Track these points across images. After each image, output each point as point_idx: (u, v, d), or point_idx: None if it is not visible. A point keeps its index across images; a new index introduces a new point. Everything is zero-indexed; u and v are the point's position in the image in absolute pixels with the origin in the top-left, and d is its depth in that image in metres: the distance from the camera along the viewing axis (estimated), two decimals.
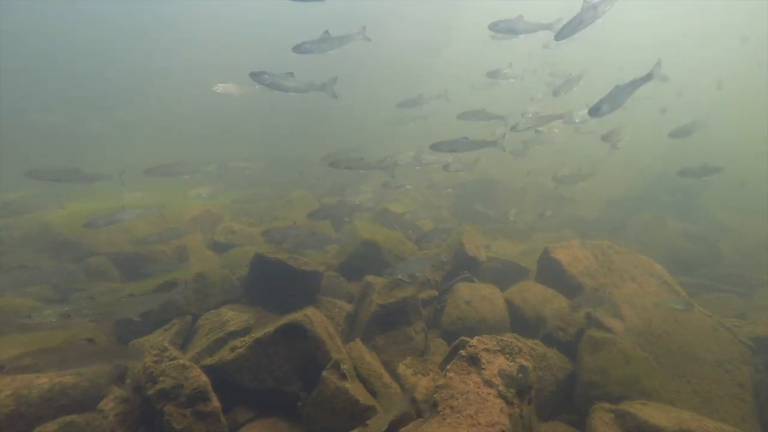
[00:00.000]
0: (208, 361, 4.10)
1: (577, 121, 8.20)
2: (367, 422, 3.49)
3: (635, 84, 5.17)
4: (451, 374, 3.52)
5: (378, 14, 38.09)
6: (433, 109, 10.09)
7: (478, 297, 5.70)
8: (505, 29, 6.86)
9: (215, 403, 3.56)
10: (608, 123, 8.13)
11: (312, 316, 4.22)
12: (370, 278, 5.75)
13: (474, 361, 3.59)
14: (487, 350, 3.68)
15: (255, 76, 5.72)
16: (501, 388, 3.39)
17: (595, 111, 5.17)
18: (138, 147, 18.92)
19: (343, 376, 3.81)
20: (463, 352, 3.68)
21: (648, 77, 5.23)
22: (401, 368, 4.56)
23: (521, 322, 5.64)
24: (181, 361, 3.67)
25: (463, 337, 4.50)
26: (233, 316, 4.76)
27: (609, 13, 5.50)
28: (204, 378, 3.62)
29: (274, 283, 5.37)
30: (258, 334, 4.15)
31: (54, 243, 7.59)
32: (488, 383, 3.42)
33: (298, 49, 6.15)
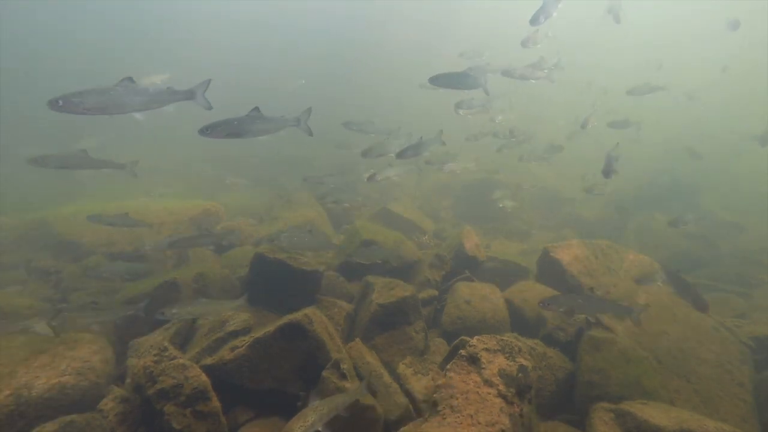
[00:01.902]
0: (208, 360, 4.10)
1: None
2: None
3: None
4: (451, 374, 3.52)
5: (377, 15, 38.13)
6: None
7: (478, 297, 5.70)
8: (443, 83, 6.66)
9: (215, 402, 3.55)
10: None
11: (312, 316, 4.22)
12: (370, 278, 5.75)
13: (474, 360, 3.59)
14: (487, 350, 3.68)
15: (207, 131, 4.14)
16: (501, 387, 3.39)
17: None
18: (138, 147, 18.88)
19: (343, 376, 3.81)
20: (463, 352, 3.68)
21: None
22: (401, 368, 4.56)
23: (521, 322, 5.64)
24: (181, 361, 3.67)
25: (463, 337, 4.50)
26: (233, 316, 4.75)
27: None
28: (204, 378, 3.62)
29: (274, 283, 5.37)
30: (258, 333, 4.14)
31: (54, 243, 7.60)
32: (488, 383, 3.42)
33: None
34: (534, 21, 6.57)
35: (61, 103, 3.50)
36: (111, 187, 11.35)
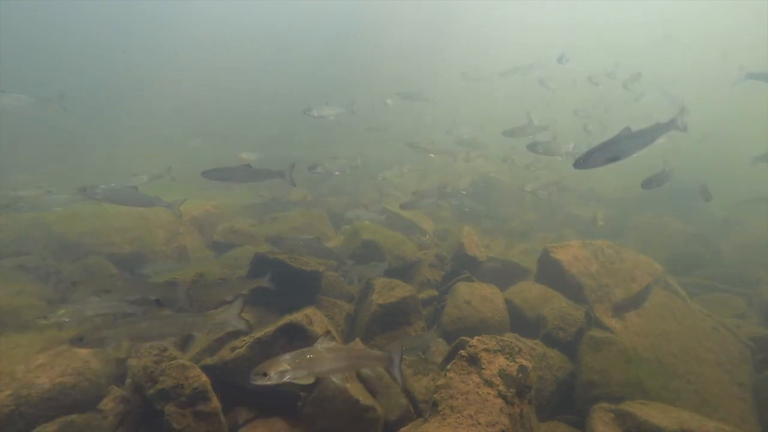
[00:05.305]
0: (208, 361, 4.10)
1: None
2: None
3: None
4: (451, 374, 3.52)
5: (377, 16, 38.15)
6: None
7: (478, 297, 5.69)
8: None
9: (215, 403, 3.55)
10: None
11: (312, 316, 4.22)
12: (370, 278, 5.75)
13: (474, 361, 3.59)
14: (487, 350, 3.68)
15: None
16: (501, 388, 3.39)
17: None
18: (139, 147, 18.93)
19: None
20: (463, 352, 3.68)
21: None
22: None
23: (521, 322, 5.64)
24: (181, 361, 3.67)
25: (463, 337, 4.50)
26: None
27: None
28: (204, 378, 3.62)
29: (275, 283, 5.36)
30: (258, 333, 4.15)
31: (54, 243, 7.59)
32: (488, 383, 3.42)
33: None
34: None
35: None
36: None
